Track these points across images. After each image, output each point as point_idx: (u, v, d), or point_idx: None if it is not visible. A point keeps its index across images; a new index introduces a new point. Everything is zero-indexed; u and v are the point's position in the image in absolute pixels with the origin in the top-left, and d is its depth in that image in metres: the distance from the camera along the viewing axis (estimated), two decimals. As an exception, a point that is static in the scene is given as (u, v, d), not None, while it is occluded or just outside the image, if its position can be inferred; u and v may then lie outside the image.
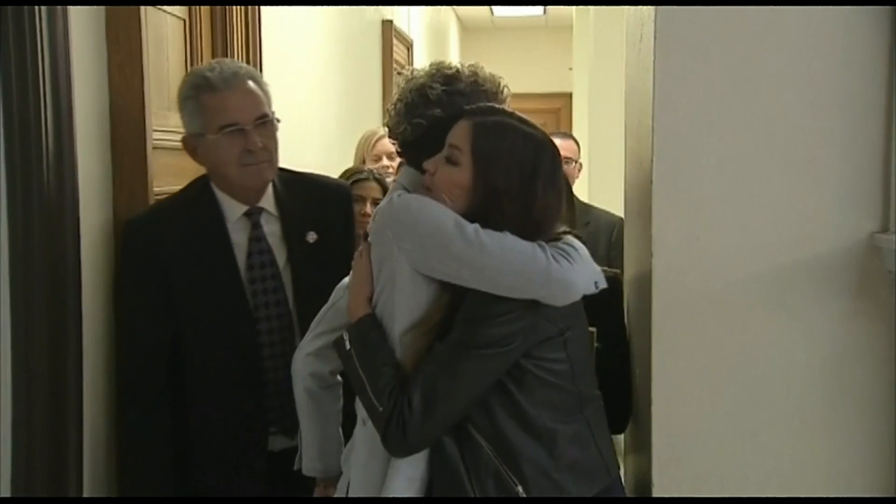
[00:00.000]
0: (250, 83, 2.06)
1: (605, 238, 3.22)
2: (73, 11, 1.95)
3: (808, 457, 1.93)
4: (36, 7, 1.82)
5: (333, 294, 1.99)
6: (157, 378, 2.04)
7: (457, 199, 1.71)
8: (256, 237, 2.09)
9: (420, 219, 1.70)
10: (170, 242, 2.04)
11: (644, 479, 1.98)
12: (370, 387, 1.68)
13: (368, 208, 2.79)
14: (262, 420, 2.10)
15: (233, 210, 2.09)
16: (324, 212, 2.19)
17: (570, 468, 1.70)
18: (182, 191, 2.17)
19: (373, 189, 2.86)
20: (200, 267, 2.04)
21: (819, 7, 1.85)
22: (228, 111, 2.01)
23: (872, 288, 1.89)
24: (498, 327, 1.64)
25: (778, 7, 1.86)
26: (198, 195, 2.10)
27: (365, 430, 1.78)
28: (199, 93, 2.02)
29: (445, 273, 1.68)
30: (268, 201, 2.12)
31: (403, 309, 1.72)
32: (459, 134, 1.73)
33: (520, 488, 1.67)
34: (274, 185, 2.13)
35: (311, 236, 2.14)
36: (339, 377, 2.01)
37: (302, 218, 2.15)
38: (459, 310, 1.67)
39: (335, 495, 1.95)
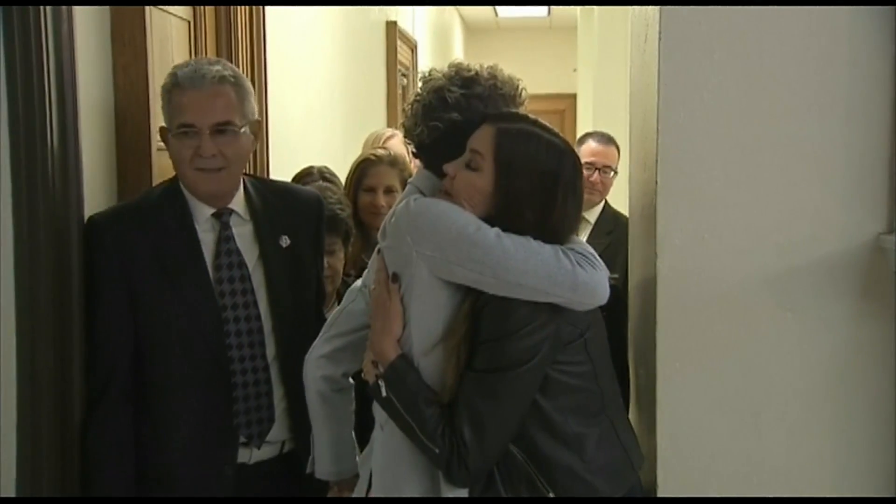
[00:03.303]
0: (224, 87, 1.98)
1: (625, 248, 3.19)
2: (79, 13, 1.95)
3: (813, 458, 1.93)
4: (41, 8, 1.83)
5: (346, 297, 1.98)
6: (117, 381, 1.97)
7: (476, 205, 1.70)
8: (225, 237, 2.05)
9: (440, 223, 1.68)
10: (133, 240, 1.98)
11: (648, 480, 1.98)
12: (421, 432, 1.67)
13: (381, 198, 2.65)
14: (230, 427, 2.03)
15: (201, 210, 2.04)
16: (295, 219, 2.15)
17: (600, 471, 1.71)
18: (152, 189, 2.13)
19: (385, 175, 2.68)
20: (166, 265, 1.99)
21: (824, 7, 1.85)
22: (185, 111, 1.97)
23: (878, 289, 1.88)
24: (523, 340, 1.63)
25: (783, 8, 1.85)
26: (166, 193, 2.06)
27: (384, 434, 1.78)
28: (171, 88, 1.99)
29: (468, 277, 1.66)
30: (238, 204, 2.08)
31: (421, 316, 1.70)
32: (482, 139, 1.72)
33: (552, 494, 1.67)
34: (246, 190, 2.10)
35: (285, 241, 2.10)
36: (350, 380, 1.99)
37: (275, 222, 2.11)
38: (482, 328, 1.65)
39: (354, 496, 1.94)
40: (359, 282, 1.97)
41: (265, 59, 3.04)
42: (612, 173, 3.46)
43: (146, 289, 1.98)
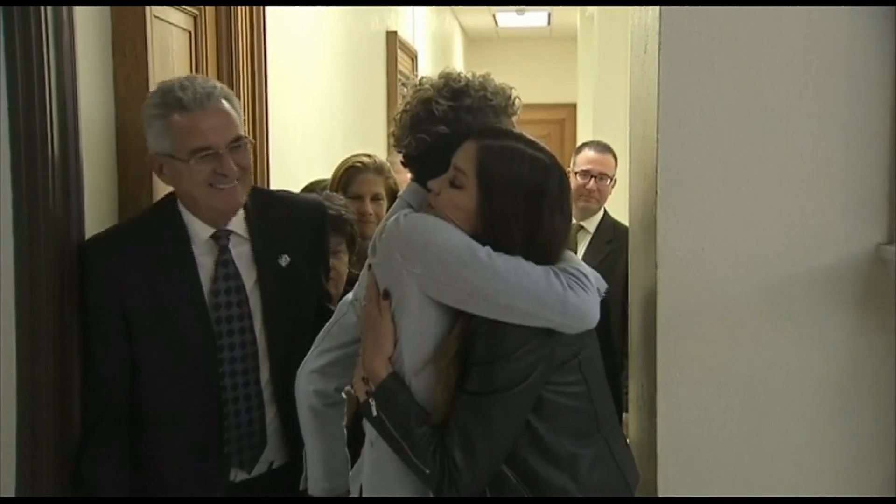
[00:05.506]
0: (224, 103, 1.95)
1: (625, 257, 3.19)
2: (79, 24, 1.96)
3: (812, 467, 1.93)
4: (42, 21, 1.83)
5: (338, 310, 1.95)
6: (114, 408, 1.95)
7: (460, 223, 1.67)
8: (224, 261, 2.00)
9: (431, 240, 1.64)
10: (128, 264, 1.94)
11: (649, 490, 1.98)
12: (412, 452, 1.65)
13: (368, 206, 2.64)
14: (221, 452, 2.01)
15: (199, 232, 2.00)
16: (297, 231, 2.11)
17: (594, 491, 1.69)
18: (147, 210, 2.10)
19: (372, 182, 2.67)
20: (162, 290, 1.95)
21: (824, 17, 1.85)
22: (202, 134, 1.91)
23: (878, 299, 1.88)
24: (516, 363, 1.61)
25: (782, 17, 1.86)
26: (163, 215, 2.01)
27: (374, 451, 1.76)
28: (169, 112, 1.92)
29: (457, 298, 1.63)
30: (238, 223, 2.04)
31: (412, 335, 1.67)
32: (465, 157, 1.69)
33: None
34: (245, 206, 2.05)
35: (284, 259, 2.06)
36: (343, 394, 1.97)
37: (274, 240, 2.07)
38: (474, 349, 1.63)
39: None
40: (350, 295, 1.94)
41: (266, 70, 3.04)
42: (609, 181, 3.47)
43: (140, 316, 1.95)
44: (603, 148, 3.53)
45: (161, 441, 2.00)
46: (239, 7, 2.89)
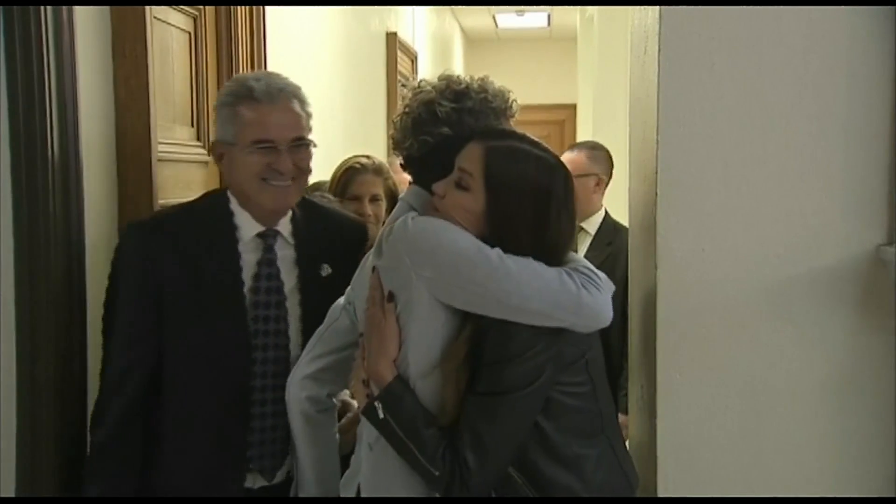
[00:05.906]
0: (294, 102, 1.98)
1: (625, 260, 3.18)
2: (80, 26, 1.96)
3: (812, 467, 1.93)
4: (42, 21, 1.84)
5: (329, 314, 1.93)
6: (121, 402, 1.91)
7: (467, 225, 1.66)
8: (268, 261, 1.99)
9: (440, 243, 1.63)
10: (169, 251, 1.92)
11: (649, 490, 1.97)
12: (420, 454, 1.64)
13: (367, 207, 2.65)
14: (243, 455, 1.98)
15: (247, 228, 1.98)
16: (340, 247, 2.09)
17: (598, 491, 1.69)
18: (197, 199, 2.09)
19: (371, 183, 2.69)
20: (201, 284, 1.93)
21: (824, 18, 1.85)
22: (265, 127, 1.92)
23: (878, 300, 1.88)
24: (526, 363, 1.61)
25: (783, 18, 1.86)
26: (212, 206, 2.00)
27: (374, 454, 1.74)
28: (238, 101, 1.93)
29: (468, 301, 1.63)
30: (285, 227, 2.03)
31: (420, 339, 1.66)
32: (471, 158, 1.68)
33: None
34: (293, 213, 2.04)
35: (326, 270, 2.05)
36: (335, 400, 1.97)
37: (318, 250, 2.06)
38: (484, 351, 1.62)
39: None
40: (342, 299, 1.93)
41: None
42: (581, 179, 3.38)
43: (176, 305, 1.92)
44: (579, 147, 3.50)
45: (183, 436, 1.96)
46: (239, 7, 2.89)
